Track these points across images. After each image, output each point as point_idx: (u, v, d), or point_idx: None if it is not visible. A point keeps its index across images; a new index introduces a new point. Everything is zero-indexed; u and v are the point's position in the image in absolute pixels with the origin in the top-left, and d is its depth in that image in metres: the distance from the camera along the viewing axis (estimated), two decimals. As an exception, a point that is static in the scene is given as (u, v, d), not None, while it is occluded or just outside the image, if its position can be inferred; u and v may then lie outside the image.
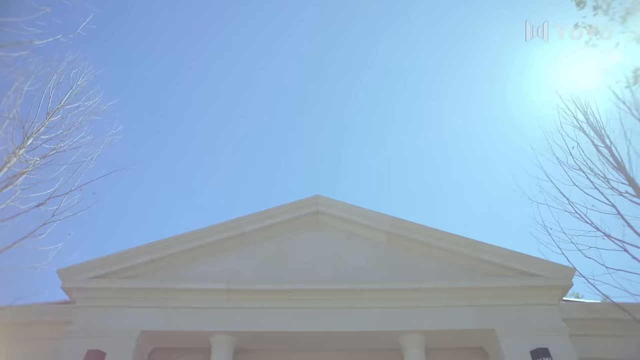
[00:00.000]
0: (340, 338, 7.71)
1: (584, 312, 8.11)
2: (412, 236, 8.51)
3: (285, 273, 8.22)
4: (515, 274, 7.91)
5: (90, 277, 7.71)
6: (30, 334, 8.07)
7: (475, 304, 7.66)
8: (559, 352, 6.98)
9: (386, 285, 7.81)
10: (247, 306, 7.68)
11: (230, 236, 8.63)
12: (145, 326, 7.40)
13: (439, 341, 7.74)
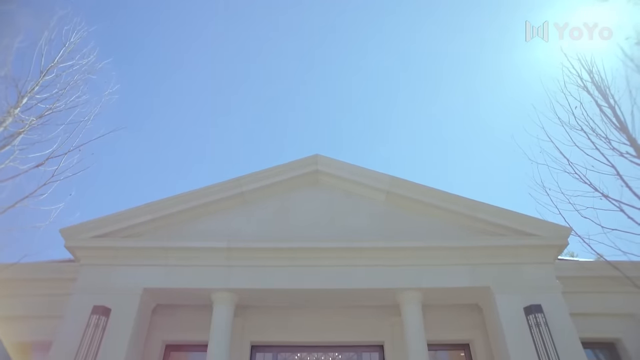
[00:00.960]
0: (339, 295, 7.90)
1: (577, 271, 8.31)
2: (411, 195, 8.58)
3: (285, 231, 8.34)
4: (512, 233, 8.03)
5: (92, 236, 7.84)
6: (37, 290, 8.30)
7: (471, 263, 7.82)
8: (551, 308, 7.19)
9: (385, 243, 7.93)
10: (247, 264, 7.83)
11: (230, 195, 8.69)
12: (148, 284, 7.59)
13: (436, 298, 7.95)
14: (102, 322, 7.00)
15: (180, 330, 8.14)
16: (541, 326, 6.98)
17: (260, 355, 8.29)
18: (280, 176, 8.94)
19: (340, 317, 8.30)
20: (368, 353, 8.38)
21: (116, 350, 6.89)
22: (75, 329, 6.94)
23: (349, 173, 8.96)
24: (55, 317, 7.50)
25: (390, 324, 8.22)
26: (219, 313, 7.53)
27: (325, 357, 8.38)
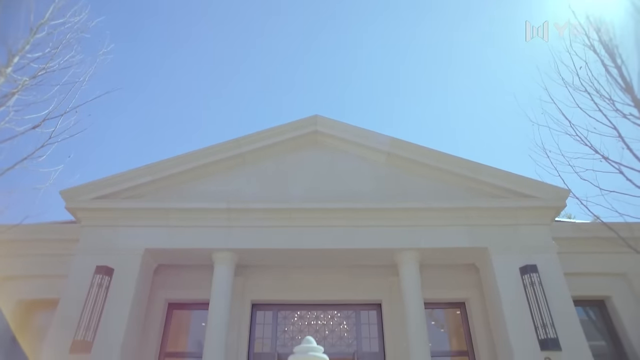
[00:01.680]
0: (338, 255, 8.02)
1: (573, 232, 8.43)
2: (411, 157, 8.55)
3: (285, 192, 8.36)
4: (511, 195, 8.07)
5: (92, 197, 7.86)
6: (40, 251, 8.41)
7: (470, 224, 7.90)
8: (546, 268, 7.34)
9: (384, 204, 7.98)
10: (247, 224, 7.90)
11: (230, 156, 8.65)
12: (150, 244, 7.68)
13: (434, 258, 8.08)
14: (105, 281, 7.15)
15: (183, 289, 8.33)
16: (535, 285, 7.15)
17: (261, 313, 8.53)
18: (280, 137, 8.87)
19: (339, 277, 8.48)
20: (366, 311, 8.63)
21: (120, 308, 7.07)
22: (79, 288, 7.09)
23: (349, 134, 8.88)
24: (60, 277, 7.63)
25: (388, 283, 8.40)
26: (220, 272, 7.68)
27: (324, 315, 8.63)
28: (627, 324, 8.01)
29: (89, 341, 6.70)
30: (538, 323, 6.90)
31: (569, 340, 6.75)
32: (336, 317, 8.64)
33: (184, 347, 8.91)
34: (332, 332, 8.45)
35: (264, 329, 8.42)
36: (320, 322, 8.56)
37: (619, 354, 8.01)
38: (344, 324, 8.57)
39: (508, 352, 6.95)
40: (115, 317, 6.98)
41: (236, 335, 7.87)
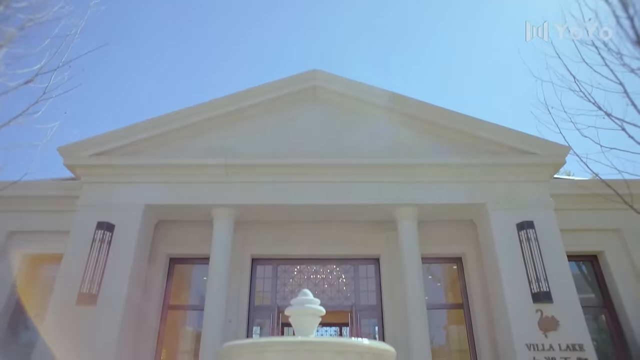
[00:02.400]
0: (337, 210, 8.08)
1: (571, 189, 8.45)
2: (410, 112, 8.45)
3: (284, 148, 8.31)
4: (511, 152, 8.04)
5: (90, 154, 7.83)
6: (43, 207, 8.48)
7: (468, 180, 7.92)
8: (542, 224, 7.43)
9: (383, 160, 7.97)
10: (246, 180, 7.92)
11: (229, 111, 8.54)
12: (149, 200, 7.73)
13: (432, 214, 8.16)
14: (107, 236, 7.26)
15: (183, 244, 8.46)
16: (531, 241, 7.26)
17: (261, 267, 8.71)
18: (278, 92, 8.72)
19: (338, 232, 8.59)
20: (364, 265, 8.81)
21: (122, 263, 7.22)
22: (82, 243, 7.20)
23: (349, 89, 8.73)
24: (64, 233, 7.72)
25: (386, 238, 8.52)
26: (219, 228, 7.77)
27: (323, 269, 8.82)
28: (617, 277, 8.20)
29: (94, 294, 6.90)
30: (532, 277, 7.06)
31: (561, 293, 6.93)
32: (335, 271, 8.84)
33: (187, 301, 9.18)
34: (331, 286, 8.67)
35: (264, 283, 8.63)
36: (319, 276, 8.76)
37: (607, 306, 8.27)
38: (342, 277, 8.77)
39: (502, 304, 7.15)
40: (118, 271, 7.13)
41: (237, 289, 8.07)
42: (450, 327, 9.04)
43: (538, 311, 6.90)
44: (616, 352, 7.92)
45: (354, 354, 2.28)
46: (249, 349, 2.32)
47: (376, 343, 2.39)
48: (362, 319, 8.31)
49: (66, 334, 6.59)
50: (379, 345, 2.38)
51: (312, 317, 2.72)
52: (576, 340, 6.65)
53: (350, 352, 2.26)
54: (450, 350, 8.92)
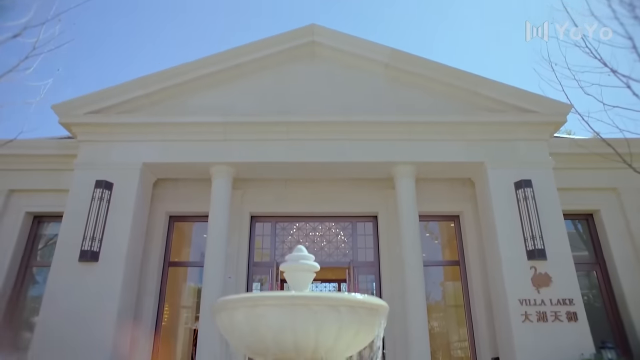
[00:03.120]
0: (335, 168, 8.07)
1: (570, 147, 8.40)
2: (410, 69, 8.27)
3: (282, 105, 8.19)
4: (511, 110, 7.94)
5: (86, 112, 7.74)
6: (40, 166, 8.47)
7: (467, 138, 7.86)
8: (540, 183, 7.44)
9: (381, 117, 7.89)
10: (244, 138, 7.87)
11: (225, 68, 8.36)
12: (147, 158, 7.71)
13: (430, 172, 8.15)
14: (105, 195, 7.30)
15: (183, 202, 8.53)
16: (528, 200, 7.30)
17: (260, 225, 8.81)
18: (276, 47, 8.50)
19: (336, 190, 8.64)
20: (362, 223, 8.91)
21: (122, 221, 7.29)
22: (81, 202, 7.25)
23: (347, 44, 8.50)
24: (64, 191, 7.75)
25: (385, 195, 8.57)
26: (218, 186, 7.79)
27: (322, 227, 8.93)
28: (610, 235, 8.31)
29: (96, 251, 7.02)
30: (527, 235, 7.15)
31: (555, 251, 7.04)
32: (333, 228, 8.95)
33: (187, 257, 9.37)
34: (329, 243, 8.80)
35: (263, 240, 8.76)
36: (317, 233, 8.87)
37: (599, 263, 8.44)
38: (340, 235, 8.89)
39: (497, 261, 7.28)
40: (118, 229, 7.22)
41: (236, 246, 8.19)
42: (447, 284, 9.27)
43: (532, 268, 7.03)
44: (604, 306, 8.17)
45: (346, 308, 2.32)
46: (243, 303, 2.37)
47: (369, 298, 2.44)
48: (359, 275, 8.49)
49: (70, 289, 6.76)
50: (372, 299, 2.43)
51: (306, 272, 2.76)
52: (567, 295, 6.82)
53: (342, 306, 2.31)
54: (446, 306, 9.19)
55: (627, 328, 7.80)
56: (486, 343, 7.66)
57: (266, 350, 2.39)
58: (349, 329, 2.32)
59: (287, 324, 2.23)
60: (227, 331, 2.47)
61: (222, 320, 2.47)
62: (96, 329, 6.57)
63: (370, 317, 2.41)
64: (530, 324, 6.69)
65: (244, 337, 2.38)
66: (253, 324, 2.30)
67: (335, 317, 2.25)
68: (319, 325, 2.24)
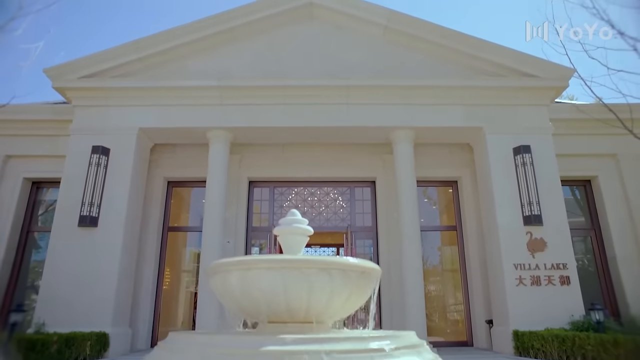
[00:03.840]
0: (333, 133, 8.02)
1: (571, 113, 8.30)
2: (410, 31, 8.09)
3: (278, 69, 8.06)
4: (512, 74, 7.80)
5: (79, 76, 7.62)
6: (36, 132, 8.41)
7: (466, 103, 7.76)
8: (539, 149, 7.40)
9: (379, 81, 7.77)
10: (240, 102, 7.77)
11: (220, 31, 8.18)
12: (143, 123, 7.65)
13: (428, 137, 8.10)
14: (102, 160, 7.27)
15: (180, 167, 8.52)
16: (527, 165, 7.28)
17: (258, 189, 8.83)
18: (272, 9, 8.28)
19: (334, 154, 8.61)
20: (361, 188, 8.93)
21: (120, 186, 7.30)
22: (78, 167, 7.24)
23: (346, 6, 8.28)
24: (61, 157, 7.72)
25: (383, 161, 8.56)
26: (215, 150, 7.76)
27: (320, 192, 8.95)
28: (607, 201, 8.35)
29: (95, 216, 7.06)
30: (525, 201, 7.18)
31: (551, 217, 7.08)
32: (332, 193, 8.97)
33: (186, 223, 9.45)
34: (327, 208, 8.85)
35: (261, 205, 8.80)
36: (316, 198, 8.91)
37: (595, 228, 8.51)
38: (339, 200, 8.92)
39: (493, 226, 7.33)
40: (116, 195, 7.24)
41: (234, 211, 8.25)
42: (444, 249, 9.39)
43: (528, 233, 7.09)
44: (597, 270, 8.30)
45: (338, 271, 2.34)
46: (237, 266, 2.39)
47: (362, 261, 2.46)
48: (357, 240, 8.57)
49: (70, 254, 6.84)
50: (364, 263, 2.45)
51: (299, 236, 2.77)
52: (561, 260, 6.91)
53: (334, 269, 2.33)
54: (444, 270, 9.34)
55: (617, 291, 7.96)
56: (481, 306, 7.83)
57: (258, 312, 2.43)
58: (341, 292, 2.35)
59: (279, 287, 2.26)
60: (220, 294, 2.50)
61: (215, 283, 2.50)
62: (97, 292, 6.70)
63: (363, 280, 2.44)
64: (524, 287, 6.81)
65: (237, 299, 2.41)
66: (246, 287, 2.32)
67: (327, 280, 2.28)
68: (311, 288, 2.26)
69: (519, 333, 6.29)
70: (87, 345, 6.02)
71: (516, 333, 6.34)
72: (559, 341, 5.61)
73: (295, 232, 2.73)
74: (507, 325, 6.67)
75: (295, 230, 2.72)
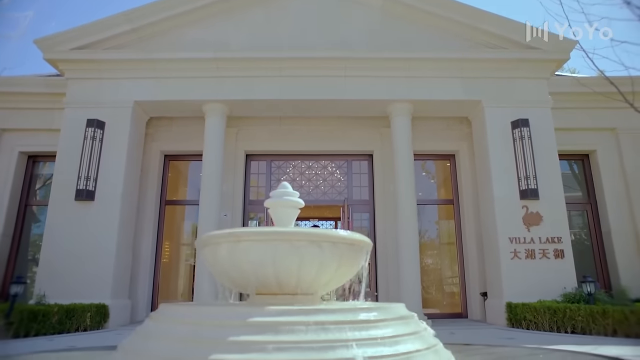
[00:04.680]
0: (330, 106, 7.93)
1: (572, 86, 8.20)
2: (409, 2, 7.90)
3: (275, 41, 7.91)
4: (512, 46, 7.66)
5: (71, 48, 7.47)
6: (30, 105, 8.33)
7: (465, 76, 7.66)
8: (538, 123, 7.34)
9: (376, 54, 7.64)
10: (236, 75, 7.67)
11: (216, 1, 7.97)
12: (138, 96, 7.56)
13: (426, 110, 8.02)
14: (98, 134, 7.22)
15: (177, 141, 8.49)
16: (524, 139, 7.23)
17: (255, 163, 8.81)
18: (269, -22, 8.05)
19: (332, 128, 8.56)
20: (358, 161, 8.91)
21: (116, 160, 7.27)
22: (73, 141, 7.20)
23: (344, -25, 8.04)
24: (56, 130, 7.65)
25: (380, 134, 8.51)
26: (212, 123, 7.70)
27: (317, 165, 8.93)
28: (604, 175, 8.35)
29: (91, 190, 7.05)
30: (521, 175, 7.16)
31: (548, 191, 7.08)
32: (329, 166, 8.95)
33: (184, 196, 9.46)
34: (325, 181, 8.84)
35: (258, 178, 8.80)
36: (313, 171, 8.89)
37: (591, 202, 8.53)
38: (336, 173, 8.92)
39: (489, 200, 7.35)
40: (112, 168, 7.22)
41: (232, 184, 8.25)
42: (442, 222, 9.43)
43: (524, 207, 7.10)
44: (592, 244, 8.37)
45: (327, 243, 2.35)
46: (227, 238, 2.40)
47: (352, 234, 2.46)
48: (354, 213, 8.61)
49: (68, 227, 6.88)
50: (354, 235, 2.45)
51: (290, 209, 2.77)
52: (556, 234, 6.95)
53: (323, 241, 2.34)
54: (441, 244, 9.41)
55: (610, 264, 8.05)
56: (476, 279, 7.93)
57: (248, 284, 2.45)
58: (330, 264, 2.36)
59: (268, 259, 2.27)
60: (211, 266, 2.52)
61: (206, 255, 2.51)
62: (96, 265, 6.77)
63: (352, 252, 2.45)
64: (519, 261, 6.87)
65: (228, 271, 2.43)
66: (235, 259, 2.34)
67: (317, 252, 2.29)
68: (300, 260, 2.27)
69: (512, 305, 6.38)
70: (87, 316, 6.12)
71: (509, 305, 6.43)
72: (551, 313, 5.70)
73: (286, 204, 2.73)
74: (501, 297, 6.76)
75: (285, 203, 2.72)
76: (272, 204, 2.70)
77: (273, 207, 2.72)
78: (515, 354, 3.06)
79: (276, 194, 2.68)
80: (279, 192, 2.71)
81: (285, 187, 2.76)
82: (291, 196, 2.71)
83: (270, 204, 2.71)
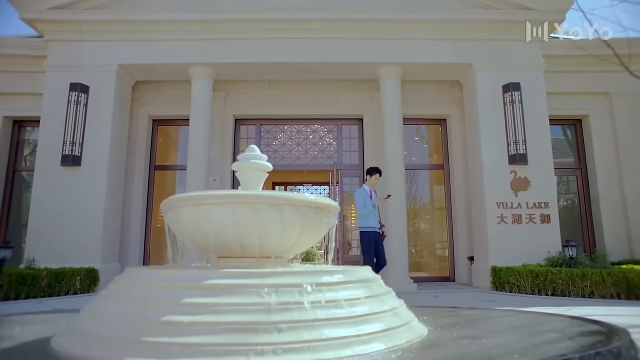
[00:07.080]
0: (319, 69, 7.78)
1: (567, 49, 7.97)
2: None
3: (261, 1, 7.64)
4: (505, 7, 7.41)
5: (50, 7, 7.21)
6: (10, 67, 8.14)
7: (457, 38, 7.46)
8: (529, 86, 7.20)
9: (366, 15, 7.41)
10: (223, 37, 7.48)
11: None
12: (122, 60, 7.39)
13: (417, 73, 7.87)
14: (82, 99, 7.11)
15: (164, 105, 8.38)
16: (515, 103, 7.12)
17: (244, 127, 8.72)
18: None
19: (321, 92, 8.43)
20: (348, 125, 8.81)
21: (101, 124, 7.19)
22: (57, 105, 7.09)
23: None
24: (40, 95, 7.50)
25: (370, 97, 8.38)
26: (198, 87, 7.57)
27: (307, 129, 8.84)
28: (596, 140, 8.27)
29: (77, 155, 7.00)
30: (511, 139, 7.10)
31: (537, 156, 7.03)
32: (320, 130, 8.86)
33: (174, 161, 9.40)
34: (315, 146, 8.77)
35: (247, 143, 8.70)
36: (303, 135, 8.80)
37: (581, 167, 8.49)
38: (327, 137, 8.83)
39: (478, 164, 7.31)
40: (98, 133, 7.15)
41: (220, 149, 8.19)
42: (434, 187, 9.42)
43: (512, 172, 7.07)
44: (580, 209, 8.39)
45: (289, 207, 2.32)
46: (188, 202, 2.37)
47: (317, 197, 2.42)
48: (344, 177, 8.58)
49: (55, 193, 6.87)
50: (319, 199, 2.42)
51: (257, 172, 2.72)
52: (543, 199, 6.94)
53: (285, 205, 2.31)
54: (433, 209, 9.43)
55: (597, 229, 8.09)
56: (464, 243, 7.99)
57: (209, 247, 2.44)
58: (293, 227, 2.33)
59: (229, 222, 2.23)
60: (175, 228, 2.50)
61: (170, 219, 2.49)
62: (85, 230, 6.80)
63: (317, 216, 2.41)
64: (505, 225, 6.90)
65: (191, 235, 2.40)
66: (197, 222, 2.31)
67: (277, 215, 2.25)
68: (261, 223, 2.24)
69: (496, 269, 6.45)
70: (76, 280, 6.20)
71: (494, 269, 6.50)
72: (533, 276, 5.77)
73: (253, 167, 2.67)
74: (487, 261, 6.83)
75: (252, 166, 2.67)
76: (239, 167, 2.65)
77: (240, 170, 2.67)
78: (484, 315, 3.10)
79: (243, 157, 2.63)
80: (246, 155, 2.65)
81: (252, 150, 2.70)
82: (258, 159, 2.66)
83: (238, 167, 2.66)
